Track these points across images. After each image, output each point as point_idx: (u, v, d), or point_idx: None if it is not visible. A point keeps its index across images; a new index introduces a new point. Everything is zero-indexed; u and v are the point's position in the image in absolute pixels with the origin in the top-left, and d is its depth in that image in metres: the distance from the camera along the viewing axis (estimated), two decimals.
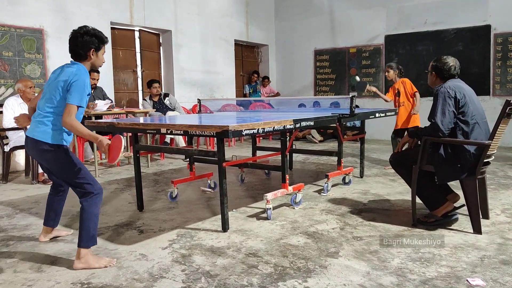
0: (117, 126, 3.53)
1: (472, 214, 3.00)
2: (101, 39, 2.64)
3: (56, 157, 2.58)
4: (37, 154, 2.64)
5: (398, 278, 2.29)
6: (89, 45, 2.59)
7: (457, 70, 3.13)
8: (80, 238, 2.53)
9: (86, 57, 2.61)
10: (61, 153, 2.59)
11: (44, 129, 2.55)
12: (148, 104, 6.77)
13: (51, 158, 2.59)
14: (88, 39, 2.58)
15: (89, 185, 2.56)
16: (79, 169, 2.57)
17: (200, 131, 2.88)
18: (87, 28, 2.62)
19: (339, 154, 4.54)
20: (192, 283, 2.28)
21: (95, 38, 2.61)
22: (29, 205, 4.00)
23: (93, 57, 2.63)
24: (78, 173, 2.56)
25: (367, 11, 8.73)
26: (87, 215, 2.53)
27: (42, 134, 2.55)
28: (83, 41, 2.58)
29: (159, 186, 4.74)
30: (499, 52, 7.44)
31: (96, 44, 2.61)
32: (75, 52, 2.61)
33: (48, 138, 2.54)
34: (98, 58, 2.67)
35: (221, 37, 8.74)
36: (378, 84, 8.78)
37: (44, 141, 2.54)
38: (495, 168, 5.28)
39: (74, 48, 2.60)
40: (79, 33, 2.59)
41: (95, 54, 2.63)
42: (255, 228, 3.18)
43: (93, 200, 2.55)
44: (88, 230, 2.53)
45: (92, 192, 2.55)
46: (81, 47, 2.58)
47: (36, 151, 2.61)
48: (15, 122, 3.03)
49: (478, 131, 2.95)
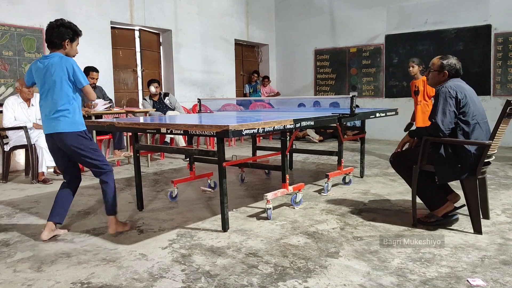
0: (117, 125, 3.52)
1: (473, 214, 2.99)
2: (75, 31, 2.96)
3: (82, 142, 2.91)
4: (64, 146, 2.92)
5: (398, 278, 2.29)
6: (64, 36, 2.89)
7: (459, 70, 3.13)
8: (112, 208, 3.02)
9: (61, 46, 2.91)
10: (85, 136, 2.95)
11: (66, 121, 2.86)
12: (148, 104, 6.77)
13: (79, 145, 2.89)
14: (63, 30, 2.88)
15: (106, 165, 3.02)
16: (97, 149, 3.02)
17: (200, 130, 2.87)
18: (63, 20, 2.92)
19: (339, 154, 4.54)
20: (192, 283, 2.28)
21: (70, 30, 2.91)
22: (29, 205, 3.99)
23: (68, 47, 2.93)
24: (97, 153, 2.99)
25: (367, 11, 8.72)
26: (111, 187, 3.01)
27: (67, 125, 2.86)
28: (59, 31, 2.88)
29: (159, 185, 4.74)
30: (499, 52, 7.44)
31: (70, 35, 2.92)
32: (51, 41, 2.90)
33: (74, 127, 2.88)
34: (72, 49, 2.97)
35: (221, 37, 8.74)
36: (378, 84, 8.78)
37: (71, 131, 2.86)
38: (496, 168, 5.28)
39: (50, 37, 2.90)
40: (55, 25, 2.89)
41: (69, 44, 2.93)
42: (255, 228, 3.17)
43: (110, 175, 3.02)
44: (115, 199, 3.05)
45: (110, 170, 3.03)
46: (56, 37, 2.88)
47: (62, 144, 2.91)
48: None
49: (478, 131, 2.95)
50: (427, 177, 3.11)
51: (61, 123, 2.87)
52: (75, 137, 2.89)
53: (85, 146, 2.92)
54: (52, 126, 2.89)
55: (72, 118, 2.89)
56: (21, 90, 5.04)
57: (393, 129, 7.83)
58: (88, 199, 4.16)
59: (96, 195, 4.33)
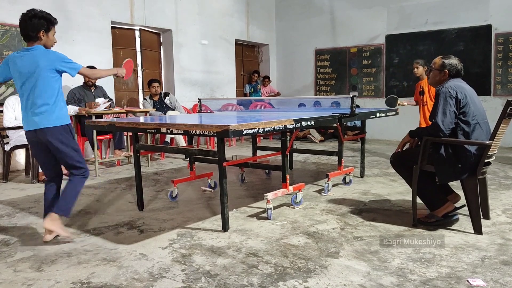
0: (117, 125, 3.53)
1: (473, 214, 2.99)
2: (49, 20, 2.83)
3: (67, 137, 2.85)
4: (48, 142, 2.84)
5: (399, 279, 2.29)
6: (39, 27, 2.77)
7: (461, 70, 3.13)
8: (59, 206, 2.88)
9: (37, 38, 2.80)
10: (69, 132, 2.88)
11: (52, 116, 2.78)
12: (149, 104, 6.77)
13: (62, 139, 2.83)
14: (36, 21, 2.76)
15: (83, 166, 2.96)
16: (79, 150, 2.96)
17: (200, 130, 2.87)
18: (35, 11, 2.79)
19: (340, 154, 4.53)
20: (192, 283, 2.28)
21: (43, 20, 2.79)
22: (29, 204, 3.99)
23: (44, 38, 2.82)
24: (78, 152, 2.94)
25: (367, 11, 8.72)
26: (73, 187, 2.91)
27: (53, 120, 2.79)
28: (32, 23, 2.76)
29: (159, 185, 4.74)
30: (500, 52, 7.43)
31: (45, 26, 2.80)
32: (26, 34, 2.79)
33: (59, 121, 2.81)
34: (49, 39, 2.86)
35: (221, 37, 8.74)
36: (378, 84, 8.78)
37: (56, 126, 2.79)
38: (496, 168, 5.28)
39: (24, 30, 2.79)
40: (27, 16, 2.77)
41: (45, 35, 2.82)
42: (256, 228, 3.17)
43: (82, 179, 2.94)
44: (69, 201, 2.91)
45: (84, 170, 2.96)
46: (30, 30, 2.77)
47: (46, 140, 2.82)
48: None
49: (479, 131, 2.95)
50: (427, 177, 3.11)
51: (46, 118, 2.79)
52: (59, 132, 2.82)
53: (68, 144, 2.86)
54: (36, 122, 2.80)
55: (58, 113, 2.82)
56: None
57: (394, 129, 7.84)
58: (88, 199, 4.16)
59: (96, 194, 4.33)
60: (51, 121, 2.79)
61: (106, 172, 5.57)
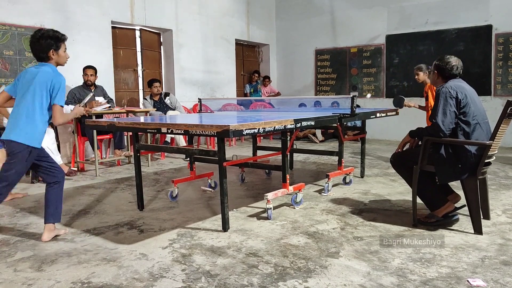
0: (117, 125, 3.53)
1: (473, 214, 2.99)
2: (57, 38, 2.81)
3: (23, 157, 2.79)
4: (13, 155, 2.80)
5: (399, 279, 2.29)
6: (48, 48, 2.78)
7: (459, 70, 3.12)
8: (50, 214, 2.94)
9: (48, 58, 2.81)
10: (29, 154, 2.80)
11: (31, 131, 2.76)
12: (149, 104, 6.77)
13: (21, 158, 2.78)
14: (43, 42, 2.77)
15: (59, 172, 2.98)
16: None
17: (200, 130, 2.87)
18: (41, 32, 2.79)
19: (340, 154, 4.53)
20: (192, 283, 2.28)
21: (51, 40, 2.78)
22: (29, 204, 4.00)
23: (55, 57, 2.82)
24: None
25: (368, 11, 8.72)
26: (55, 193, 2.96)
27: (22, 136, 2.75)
28: (40, 45, 2.77)
29: (159, 185, 4.74)
30: (500, 52, 7.43)
31: (53, 45, 2.79)
32: (37, 56, 2.81)
33: (28, 141, 2.76)
34: (60, 56, 2.85)
35: (222, 37, 8.74)
36: (378, 84, 8.78)
37: (23, 143, 2.75)
38: (496, 168, 5.28)
39: (34, 53, 2.81)
40: (35, 39, 2.78)
41: (55, 53, 2.81)
42: (256, 228, 3.17)
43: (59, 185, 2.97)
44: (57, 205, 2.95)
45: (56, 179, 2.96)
46: (40, 51, 2.78)
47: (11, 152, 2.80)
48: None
49: (479, 132, 2.95)
50: (427, 178, 3.11)
51: (18, 133, 2.75)
52: (24, 149, 2.76)
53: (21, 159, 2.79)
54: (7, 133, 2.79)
55: (31, 132, 2.77)
56: None
57: (394, 129, 7.84)
58: (88, 199, 4.16)
59: (96, 194, 4.33)
60: (20, 137, 2.76)
61: (106, 172, 5.57)
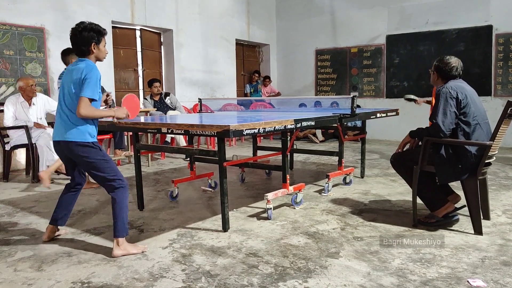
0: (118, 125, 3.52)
1: (473, 214, 2.99)
2: (99, 32, 2.75)
3: (85, 154, 2.69)
4: (70, 154, 2.74)
5: (399, 279, 2.29)
6: (90, 40, 2.70)
7: (459, 70, 3.11)
8: (117, 228, 2.69)
9: (89, 52, 2.73)
10: (94, 147, 2.71)
11: (70, 129, 2.67)
12: (149, 104, 6.77)
13: (82, 155, 2.70)
14: (86, 34, 2.69)
15: (119, 180, 2.72)
16: (109, 164, 2.73)
17: (201, 130, 2.87)
18: (84, 24, 2.72)
19: (340, 154, 4.53)
20: (192, 283, 2.28)
21: (93, 33, 2.72)
22: (29, 204, 4.00)
23: (96, 51, 2.75)
24: (107, 168, 2.71)
25: (368, 11, 8.72)
26: (120, 206, 2.70)
27: (70, 134, 2.67)
28: (82, 37, 2.69)
29: (159, 185, 4.74)
30: (500, 52, 7.43)
31: (95, 38, 2.72)
32: (78, 49, 2.73)
33: (82, 137, 2.67)
34: (101, 51, 2.79)
35: (222, 37, 8.73)
36: (379, 84, 8.78)
37: (73, 141, 2.67)
38: (496, 168, 5.28)
39: (76, 45, 2.73)
40: (77, 31, 2.70)
41: (96, 47, 2.75)
42: (256, 228, 3.17)
43: (122, 193, 2.72)
44: (122, 220, 2.70)
45: (121, 186, 2.72)
46: (81, 43, 2.70)
47: (68, 152, 2.73)
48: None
49: (479, 132, 2.95)
50: (427, 178, 3.11)
51: (69, 131, 2.68)
52: (81, 147, 2.68)
53: (92, 157, 2.69)
54: (61, 133, 2.71)
55: (81, 128, 2.68)
56: (26, 89, 5.04)
57: (394, 129, 7.83)
58: (89, 199, 4.16)
59: (96, 194, 4.33)
60: (73, 136, 2.67)
61: None
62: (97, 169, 2.71)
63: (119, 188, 2.72)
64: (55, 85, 6.05)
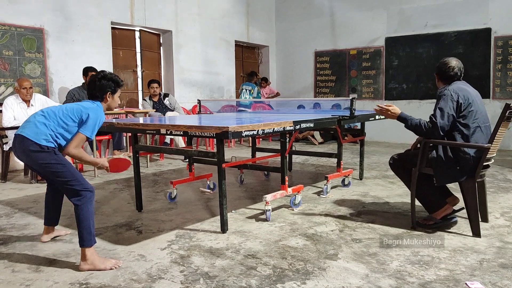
0: (116, 126, 3.53)
1: (471, 217, 2.99)
2: (117, 82, 2.84)
3: (42, 158, 2.53)
4: (23, 154, 2.59)
5: (397, 281, 2.29)
6: (106, 89, 2.78)
7: (455, 71, 3.09)
8: (82, 238, 2.50)
9: (102, 99, 2.80)
10: (48, 154, 2.54)
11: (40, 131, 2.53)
12: (148, 104, 6.77)
13: (38, 159, 2.54)
14: (105, 83, 2.78)
15: (80, 185, 2.55)
16: (66, 168, 2.55)
17: (199, 131, 2.88)
18: (104, 73, 2.83)
19: (339, 156, 4.54)
20: (191, 284, 2.28)
21: (112, 82, 2.81)
22: (28, 205, 3.99)
23: (109, 100, 2.82)
24: (65, 173, 2.54)
25: (367, 13, 8.73)
26: (83, 213, 2.52)
27: (36, 134, 2.53)
28: (101, 84, 2.77)
29: (158, 186, 4.73)
30: (499, 55, 7.45)
31: (112, 87, 2.81)
32: (92, 94, 2.79)
33: (40, 139, 2.52)
34: (114, 100, 2.87)
35: (221, 38, 8.74)
36: (378, 86, 8.79)
37: (34, 141, 2.51)
38: (495, 171, 5.28)
39: (92, 91, 2.79)
40: (97, 78, 2.79)
41: (111, 96, 2.83)
42: (254, 230, 3.17)
43: (86, 199, 2.55)
44: (88, 228, 2.51)
45: (84, 191, 2.55)
46: (98, 90, 2.77)
47: (21, 151, 2.58)
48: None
49: (479, 135, 2.94)
50: (426, 180, 3.11)
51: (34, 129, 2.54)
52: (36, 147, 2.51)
53: (46, 160, 2.52)
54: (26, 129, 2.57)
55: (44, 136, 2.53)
56: (19, 91, 5.05)
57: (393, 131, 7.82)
58: None
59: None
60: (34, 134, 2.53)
61: (104, 172, 5.57)
62: (52, 173, 2.55)
63: (81, 194, 2.53)
64: (54, 85, 6.06)
